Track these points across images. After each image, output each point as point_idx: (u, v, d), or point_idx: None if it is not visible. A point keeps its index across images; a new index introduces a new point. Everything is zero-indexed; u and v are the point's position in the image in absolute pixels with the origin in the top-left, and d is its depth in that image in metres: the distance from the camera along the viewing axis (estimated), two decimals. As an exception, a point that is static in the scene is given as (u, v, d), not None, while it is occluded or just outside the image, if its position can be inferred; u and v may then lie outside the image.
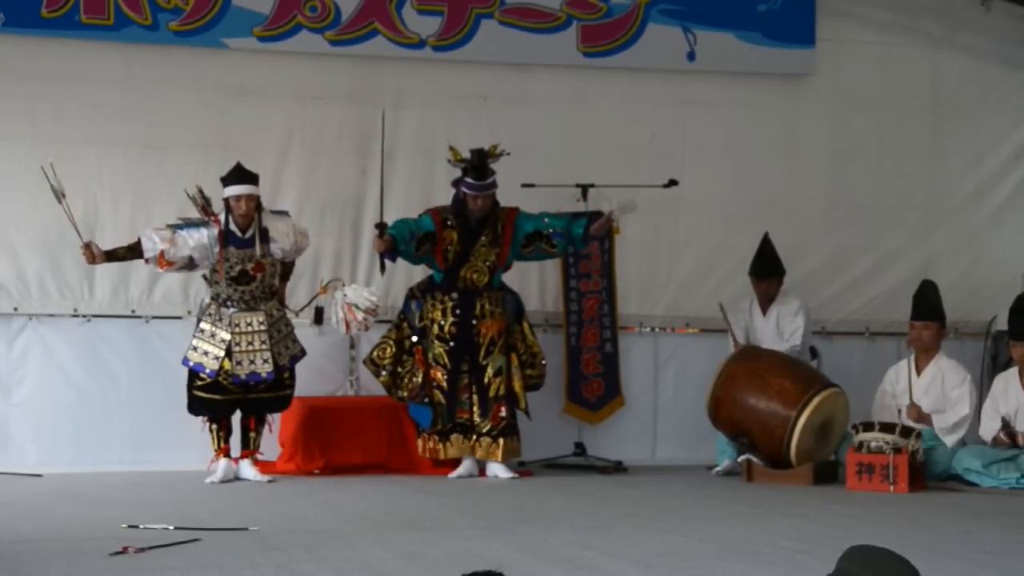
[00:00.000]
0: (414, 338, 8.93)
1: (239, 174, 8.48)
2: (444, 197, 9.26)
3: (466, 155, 8.69)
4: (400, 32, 9.51)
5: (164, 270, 8.57)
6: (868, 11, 10.37)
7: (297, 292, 9.23)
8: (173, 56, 9.28)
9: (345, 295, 8.65)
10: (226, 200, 8.46)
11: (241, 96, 9.41)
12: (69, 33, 9.02)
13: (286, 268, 8.79)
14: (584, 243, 9.13)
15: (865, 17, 10.36)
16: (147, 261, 8.46)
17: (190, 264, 8.48)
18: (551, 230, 8.93)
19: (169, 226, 8.45)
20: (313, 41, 9.40)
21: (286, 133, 9.50)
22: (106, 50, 9.17)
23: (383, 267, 8.87)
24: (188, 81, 9.31)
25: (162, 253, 8.34)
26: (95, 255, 8.36)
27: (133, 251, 8.43)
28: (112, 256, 8.44)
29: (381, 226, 8.59)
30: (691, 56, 9.96)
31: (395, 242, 8.62)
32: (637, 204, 8.93)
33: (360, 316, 8.60)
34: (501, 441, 8.85)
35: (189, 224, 8.42)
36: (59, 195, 8.24)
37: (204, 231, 8.39)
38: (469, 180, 8.72)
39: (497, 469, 8.83)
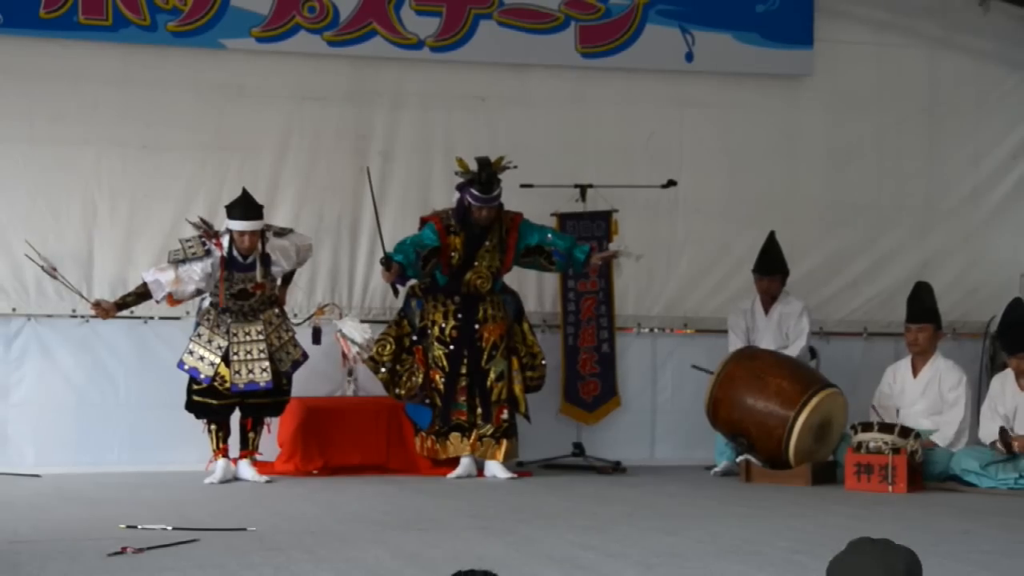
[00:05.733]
0: (414, 337, 8.93)
1: (244, 208, 8.41)
2: (442, 197, 9.28)
3: (472, 165, 8.68)
4: (398, 33, 9.51)
5: (174, 307, 8.64)
6: (866, 12, 10.37)
7: (295, 294, 9.24)
8: (171, 57, 9.28)
9: (340, 329, 8.81)
10: (229, 229, 8.44)
11: (239, 97, 9.41)
12: (67, 34, 9.01)
13: (288, 274, 8.79)
14: (582, 268, 9.16)
15: (863, 18, 10.36)
16: (157, 302, 8.55)
17: (198, 294, 8.52)
18: (553, 248, 8.94)
19: (171, 261, 8.39)
20: (311, 42, 9.40)
21: (284, 134, 9.50)
22: (104, 51, 9.17)
23: (396, 292, 8.91)
24: (186, 82, 9.31)
25: (169, 295, 8.37)
26: (106, 310, 8.43)
27: (141, 296, 8.48)
28: (122, 306, 8.50)
29: (387, 260, 8.58)
30: (689, 57, 9.97)
31: (403, 269, 8.62)
32: (642, 256, 9.06)
33: (355, 350, 8.80)
34: (503, 442, 8.86)
35: (191, 257, 8.36)
36: (50, 271, 8.35)
37: (207, 261, 8.37)
38: (476, 192, 8.70)
39: (496, 469, 8.83)
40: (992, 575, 5.33)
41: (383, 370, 8.90)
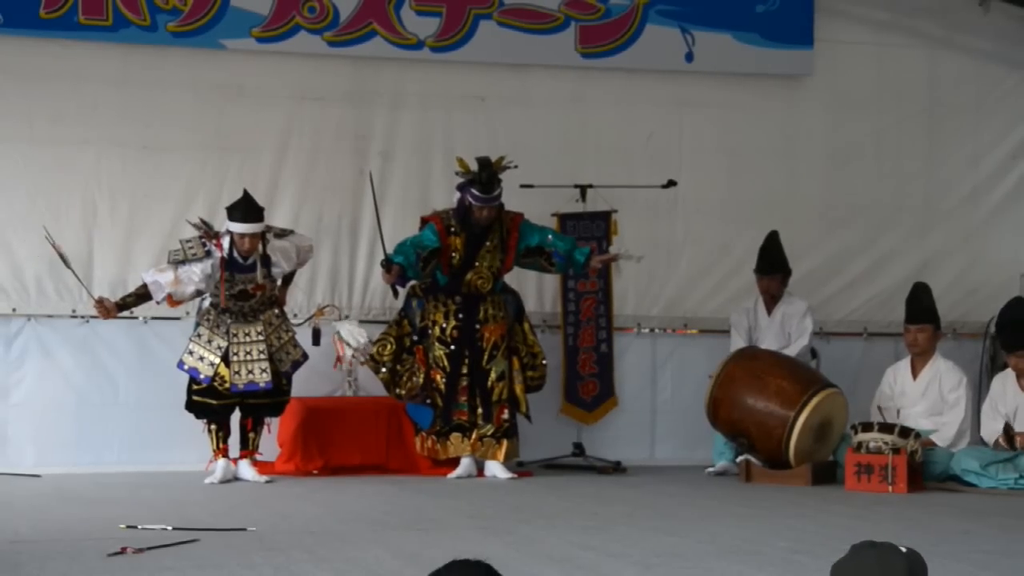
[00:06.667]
0: (414, 337, 8.93)
1: (245, 210, 8.39)
2: (442, 197, 9.28)
3: (472, 165, 8.68)
4: (398, 33, 9.51)
5: (174, 307, 8.65)
6: (866, 11, 10.37)
7: (295, 294, 9.24)
8: (171, 57, 9.28)
9: (338, 332, 8.88)
10: (229, 231, 8.43)
11: (239, 97, 9.42)
12: (67, 34, 9.01)
13: (288, 275, 8.79)
14: (582, 270, 9.16)
15: (863, 18, 10.36)
16: (157, 303, 8.55)
17: (198, 295, 8.52)
18: (553, 249, 8.94)
19: (171, 262, 8.39)
20: (311, 42, 9.40)
21: (284, 134, 9.50)
22: (104, 51, 9.17)
23: (396, 293, 8.92)
24: (186, 82, 9.31)
25: (169, 296, 8.38)
26: (108, 309, 8.42)
27: (141, 297, 8.48)
28: (123, 306, 8.50)
29: (387, 262, 8.58)
30: (689, 57, 9.97)
31: (403, 270, 8.63)
32: (643, 257, 9.07)
33: (349, 353, 8.91)
34: (504, 442, 8.86)
35: (190, 258, 8.35)
36: (65, 260, 8.34)
37: (207, 262, 8.37)
38: (476, 192, 8.70)
39: (496, 469, 8.83)
40: (992, 575, 5.33)
41: (383, 370, 8.90)
